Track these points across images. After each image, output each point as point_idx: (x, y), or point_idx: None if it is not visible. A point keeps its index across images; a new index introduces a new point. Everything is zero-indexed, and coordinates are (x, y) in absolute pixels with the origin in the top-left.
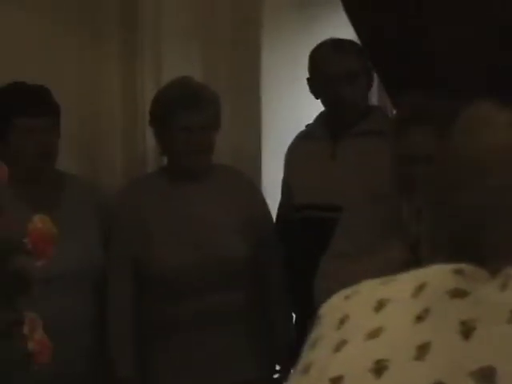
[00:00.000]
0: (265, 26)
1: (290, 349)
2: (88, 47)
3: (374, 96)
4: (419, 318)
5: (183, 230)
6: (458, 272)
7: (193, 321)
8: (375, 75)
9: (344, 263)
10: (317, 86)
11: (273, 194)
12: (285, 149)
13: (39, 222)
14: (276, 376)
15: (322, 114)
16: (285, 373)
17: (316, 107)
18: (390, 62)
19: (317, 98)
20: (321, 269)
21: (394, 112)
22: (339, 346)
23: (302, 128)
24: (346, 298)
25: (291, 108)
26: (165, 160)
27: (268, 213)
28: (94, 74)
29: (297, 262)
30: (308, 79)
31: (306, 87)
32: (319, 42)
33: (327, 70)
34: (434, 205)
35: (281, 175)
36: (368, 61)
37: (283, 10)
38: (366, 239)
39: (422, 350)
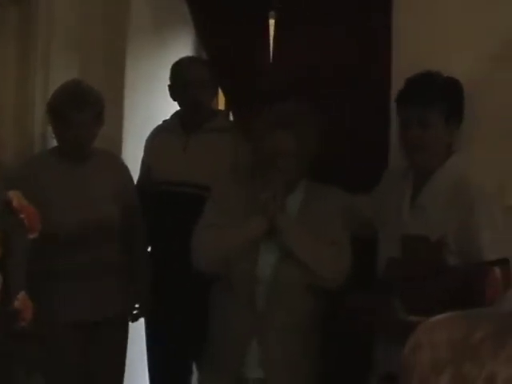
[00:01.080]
0: (128, 46)
1: (146, 294)
2: None
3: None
4: None
5: (69, 198)
6: None
7: (76, 268)
8: None
9: (214, 232)
10: (176, 90)
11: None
12: (141, 138)
13: (22, 199)
14: (135, 312)
15: (177, 112)
16: (142, 309)
17: (166, 108)
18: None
19: (174, 101)
20: (196, 236)
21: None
22: None
23: (159, 123)
24: None
25: (148, 108)
26: (55, 142)
27: (134, 187)
28: None
29: (156, 226)
30: (169, 86)
31: (160, 92)
32: (174, 58)
33: (186, 77)
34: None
35: (137, 159)
36: (214, 74)
37: (143, 33)
38: (232, 213)
39: None
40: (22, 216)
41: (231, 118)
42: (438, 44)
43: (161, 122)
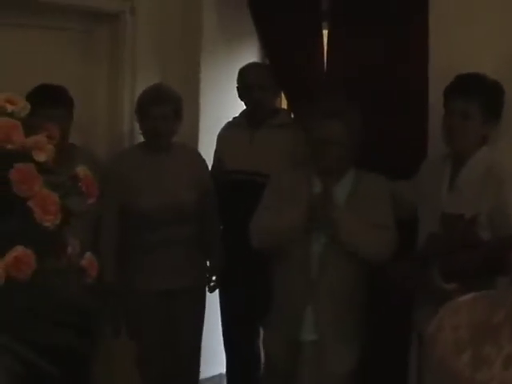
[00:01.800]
0: (202, 54)
1: (221, 267)
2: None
3: None
4: None
5: (154, 185)
6: None
7: (159, 243)
8: None
9: (269, 214)
10: (241, 92)
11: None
12: (215, 133)
13: (84, 171)
14: (212, 284)
15: (244, 110)
16: (217, 281)
17: (236, 107)
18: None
19: (242, 101)
20: (254, 217)
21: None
22: None
23: (230, 119)
24: None
25: (220, 107)
26: (141, 138)
27: (209, 175)
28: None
29: (227, 209)
30: (237, 88)
31: (231, 94)
32: (242, 63)
33: (249, 80)
34: None
35: (211, 151)
36: (275, 77)
37: (216, 42)
38: (286, 197)
39: None
40: (80, 184)
41: (292, 115)
42: (471, 45)
43: (231, 119)
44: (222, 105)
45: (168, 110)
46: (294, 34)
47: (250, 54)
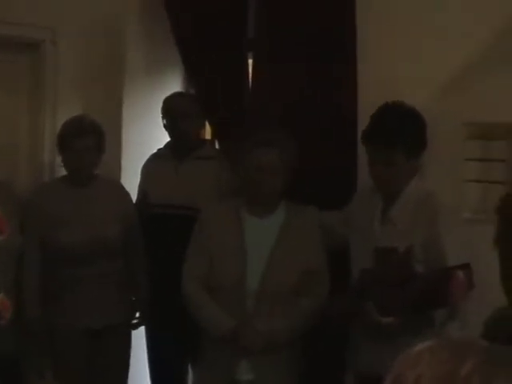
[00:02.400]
0: (125, 85)
1: (146, 304)
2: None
3: None
4: None
5: (76, 219)
6: None
7: (83, 279)
8: None
9: (204, 261)
10: (165, 122)
11: None
12: (138, 165)
13: None
14: (136, 321)
15: (169, 142)
16: (142, 318)
17: (159, 139)
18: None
19: (166, 131)
20: (186, 264)
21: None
22: None
23: (154, 151)
24: None
25: (143, 139)
26: (63, 171)
27: (134, 209)
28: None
29: (153, 244)
30: (161, 118)
31: (154, 125)
32: (165, 94)
33: (173, 110)
34: None
35: (134, 184)
36: (200, 107)
37: (140, 74)
38: (216, 238)
39: None
40: None
41: (217, 147)
42: (400, 73)
43: (155, 151)
44: (145, 136)
45: (91, 143)
46: (219, 63)
47: (174, 85)
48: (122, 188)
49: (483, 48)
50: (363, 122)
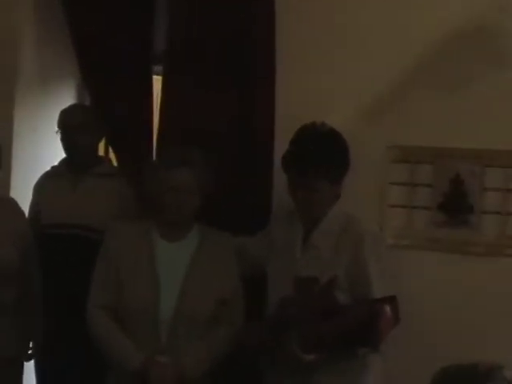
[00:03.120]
0: (16, 97)
1: (40, 333)
2: None
3: None
4: None
5: None
6: None
7: None
8: None
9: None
10: (60, 135)
11: None
12: (28, 183)
13: None
14: (30, 352)
15: (64, 158)
16: (36, 350)
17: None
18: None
19: (62, 144)
20: (91, 294)
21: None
22: None
23: (45, 168)
24: None
25: (34, 155)
26: None
27: (30, 231)
28: None
29: (46, 268)
30: (56, 131)
31: (46, 140)
32: (58, 108)
33: (65, 122)
34: None
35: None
36: (97, 120)
37: (33, 85)
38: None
39: None
40: None
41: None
42: (319, 94)
43: (49, 168)
44: (38, 152)
45: None
46: (121, 76)
47: (67, 97)
48: (17, 206)
49: (408, 69)
50: (280, 143)
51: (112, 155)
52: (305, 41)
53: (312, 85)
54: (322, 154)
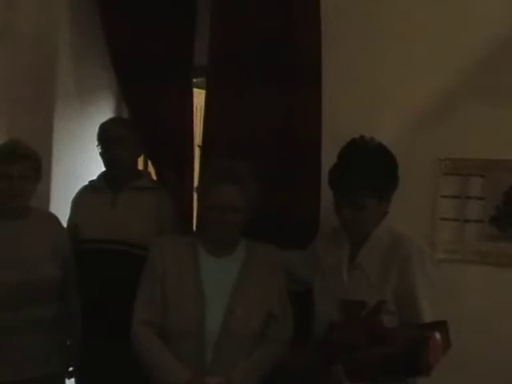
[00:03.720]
0: (56, 109)
1: (80, 354)
2: None
3: None
4: None
5: (6, 257)
6: None
7: (10, 328)
8: None
9: (157, 305)
10: (100, 149)
11: None
12: (67, 195)
13: None
14: (71, 368)
15: (104, 172)
16: (75, 369)
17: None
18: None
19: (102, 158)
20: (136, 311)
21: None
22: None
23: (83, 180)
24: None
25: (73, 167)
26: None
27: (70, 246)
28: None
29: (85, 284)
30: (97, 145)
31: (90, 152)
32: (95, 120)
33: (105, 136)
34: None
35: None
36: (136, 134)
37: (70, 99)
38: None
39: None
40: None
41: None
42: (367, 104)
43: (87, 183)
44: (76, 166)
45: (26, 169)
46: (161, 89)
47: (108, 110)
48: (58, 222)
49: (460, 81)
50: (327, 154)
51: (151, 169)
52: (352, 48)
53: (361, 93)
54: (370, 170)
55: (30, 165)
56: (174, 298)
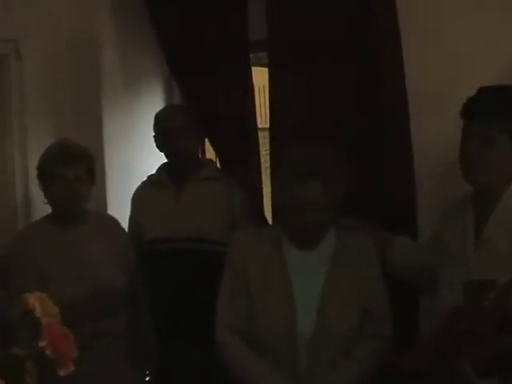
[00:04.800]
0: (103, 102)
1: (155, 363)
2: None
3: None
4: None
5: (70, 267)
6: None
7: (80, 342)
8: None
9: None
10: (159, 140)
11: None
12: (122, 193)
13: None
14: (147, 379)
15: (163, 165)
16: (153, 378)
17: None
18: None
19: (161, 151)
20: (219, 311)
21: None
22: None
23: (137, 175)
24: None
25: (127, 162)
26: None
27: (133, 250)
28: None
29: (153, 289)
30: (154, 137)
31: (137, 145)
32: (146, 110)
33: (165, 125)
34: None
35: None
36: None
37: (117, 90)
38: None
39: None
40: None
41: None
42: (449, 68)
43: (145, 178)
44: (130, 160)
45: (82, 172)
46: (215, 71)
47: (156, 97)
48: (118, 224)
49: None
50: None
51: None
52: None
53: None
54: (505, 104)
55: (84, 166)
56: (261, 298)
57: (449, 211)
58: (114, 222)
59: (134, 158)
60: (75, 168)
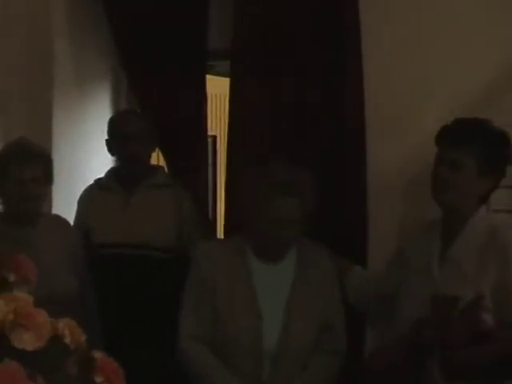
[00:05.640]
0: (55, 97)
1: None
2: None
3: None
4: None
5: None
6: None
7: None
8: None
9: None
10: (114, 145)
11: None
12: (68, 194)
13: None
14: None
15: (112, 169)
16: None
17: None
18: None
19: (113, 156)
20: (182, 322)
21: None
22: None
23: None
24: None
25: (75, 163)
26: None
27: (84, 253)
28: None
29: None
30: (106, 140)
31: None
32: (93, 111)
33: (124, 131)
34: None
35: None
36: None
37: (69, 89)
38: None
39: None
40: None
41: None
42: (409, 92)
43: (93, 181)
44: (76, 162)
45: (39, 171)
46: (171, 78)
47: (103, 100)
48: (69, 226)
49: (503, 75)
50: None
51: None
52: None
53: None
54: (477, 133)
55: (42, 166)
56: (227, 309)
57: (420, 234)
58: (65, 223)
59: (80, 160)
60: (32, 168)
